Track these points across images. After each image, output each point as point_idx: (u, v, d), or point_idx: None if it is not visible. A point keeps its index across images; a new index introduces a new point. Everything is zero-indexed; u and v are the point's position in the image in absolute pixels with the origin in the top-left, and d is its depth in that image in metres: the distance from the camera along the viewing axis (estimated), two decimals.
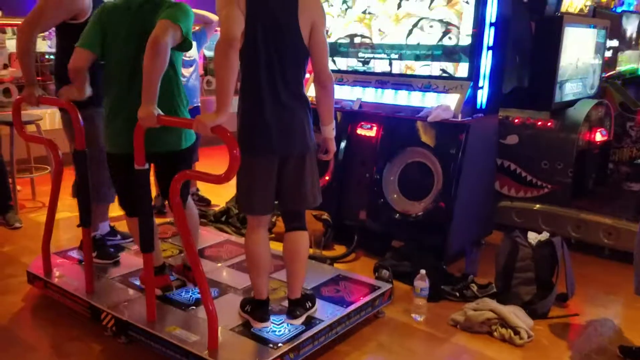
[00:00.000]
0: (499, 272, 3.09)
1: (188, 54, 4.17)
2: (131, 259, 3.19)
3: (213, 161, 3.83)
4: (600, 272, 3.55)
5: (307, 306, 2.59)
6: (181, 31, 2.36)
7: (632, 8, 5.33)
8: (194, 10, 4.16)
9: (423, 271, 2.90)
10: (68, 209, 4.14)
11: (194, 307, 2.66)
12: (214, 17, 4.21)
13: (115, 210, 3.32)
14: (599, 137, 4.07)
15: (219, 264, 3.22)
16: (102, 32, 2.52)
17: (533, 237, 3.09)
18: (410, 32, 3.64)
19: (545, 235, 3.09)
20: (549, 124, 3.91)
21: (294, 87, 2.34)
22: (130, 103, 2.41)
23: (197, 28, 4.34)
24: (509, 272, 3.02)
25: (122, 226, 3.60)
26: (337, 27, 4.00)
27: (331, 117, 2.49)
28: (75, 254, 3.25)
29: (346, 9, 3.93)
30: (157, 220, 3.03)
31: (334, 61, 4.02)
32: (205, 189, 4.77)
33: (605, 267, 3.64)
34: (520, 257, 3.01)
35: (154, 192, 3.03)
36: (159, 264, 2.77)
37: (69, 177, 2.95)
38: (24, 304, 3.01)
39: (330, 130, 2.51)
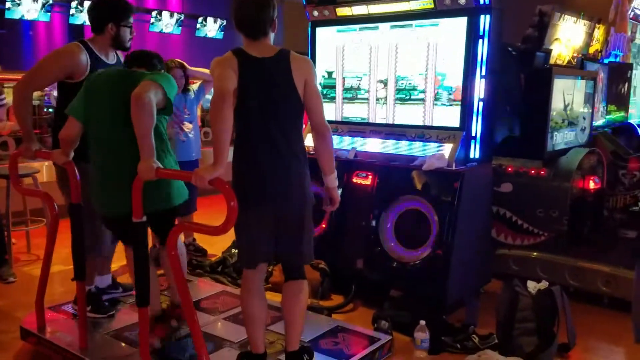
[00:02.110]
0: (499, 322, 3.05)
1: (187, 110, 4.27)
2: (127, 313, 3.14)
3: (211, 210, 3.84)
4: (601, 322, 3.51)
5: (305, 359, 2.54)
6: (163, 91, 2.42)
7: (618, 59, 5.49)
8: (197, 68, 4.36)
9: (423, 322, 2.86)
10: (63, 262, 4.10)
11: None
12: None
13: (117, 261, 3.30)
14: (592, 185, 4.10)
15: (215, 317, 3.18)
16: (86, 98, 2.60)
17: (532, 286, 3.07)
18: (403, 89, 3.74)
19: (544, 284, 3.08)
20: (541, 172, 3.95)
21: (292, 139, 2.38)
22: (111, 168, 2.53)
23: (196, 83, 4.46)
24: (509, 323, 2.98)
25: (124, 278, 3.57)
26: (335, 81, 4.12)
27: (332, 166, 2.51)
28: (69, 309, 3.20)
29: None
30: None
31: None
32: (201, 239, 4.75)
33: (605, 316, 3.60)
34: (521, 307, 2.98)
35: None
36: (158, 313, 2.74)
37: (64, 230, 2.95)
38: None
39: (332, 180, 2.52)
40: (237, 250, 2.50)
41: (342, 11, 3.95)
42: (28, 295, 3.43)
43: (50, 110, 6.35)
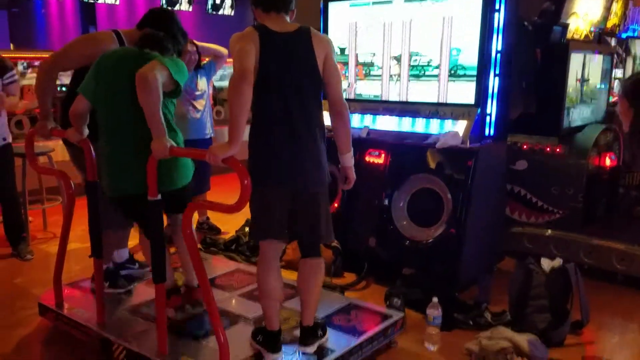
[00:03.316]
0: (512, 299, 3.06)
1: (199, 86, 4.26)
2: (144, 289, 3.18)
3: (224, 189, 3.86)
4: (614, 299, 3.50)
5: (319, 334, 2.57)
6: (169, 73, 2.41)
7: (637, 34, 5.37)
8: (205, 44, 4.32)
9: (435, 299, 2.87)
10: (79, 240, 4.16)
11: (205, 338, 2.64)
12: (224, 51, 4.33)
13: (131, 239, 3.34)
14: (608, 162, 4.06)
15: (230, 293, 3.21)
16: (96, 77, 2.60)
17: (546, 263, 3.06)
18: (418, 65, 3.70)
19: (558, 262, 3.07)
20: (557, 149, 3.91)
21: (312, 115, 2.36)
22: (117, 148, 2.55)
23: (206, 60, 4.44)
24: (523, 300, 2.98)
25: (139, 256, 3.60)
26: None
27: (349, 145, 2.49)
28: (87, 285, 3.25)
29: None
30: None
31: None
32: (215, 217, 4.78)
33: (619, 293, 3.59)
34: (534, 285, 2.98)
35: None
36: (172, 286, 2.79)
37: (80, 208, 2.98)
38: (35, 337, 3.01)
39: (349, 159, 2.51)
40: (250, 227, 2.51)
41: None
42: (45, 273, 3.49)
43: (64, 89, 6.37)
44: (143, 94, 2.31)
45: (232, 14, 11.82)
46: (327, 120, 2.46)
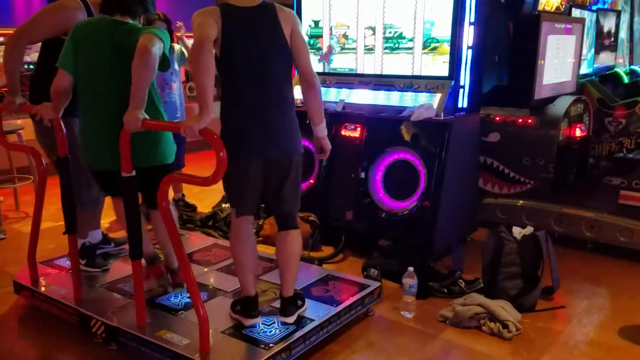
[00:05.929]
0: (485, 267, 3.13)
1: (171, 68, 4.18)
2: (120, 266, 3.17)
3: (199, 165, 3.83)
4: (584, 265, 3.61)
5: (299, 304, 2.61)
6: (164, 46, 2.38)
7: (607, 6, 5.43)
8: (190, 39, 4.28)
9: (411, 268, 2.92)
10: (52, 219, 4.11)
11: (183, 312, 2.65)
12: None
13: (106, 217, 3.31)
14: (578, 132, 4.14)
15: (208, 268, 3.22)
16: (75, 50, 2.54)
17: (518, 231, 3.14)
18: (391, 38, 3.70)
19: (529, 230, 3.14)
20: (529, 121, 3.98)
21: (283, 87, 2.37)
22: (101, 121, 2.52)
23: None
24: (495, 267, 3.06)
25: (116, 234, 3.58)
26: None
27: (321, 116, 2.51)
28: (63, 263, 3.22)
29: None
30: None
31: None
32: (190, 195, 4.76)
33: (588, 260, 3.70)
34: (506, 252, 3.05)
35: None
36: (152, 254, 2.86)
37: (51, 187, 2.94)
38: (12, 314, 2.99)
39: (322, 129, 2.54)
40: (227, 198, 2.52)
41: None
42: (19, 251, 3.45)
43: (31, 67, 6.20)
44: (140, 68, 2.27)
45: None
46: (297, 94, 2.47)
